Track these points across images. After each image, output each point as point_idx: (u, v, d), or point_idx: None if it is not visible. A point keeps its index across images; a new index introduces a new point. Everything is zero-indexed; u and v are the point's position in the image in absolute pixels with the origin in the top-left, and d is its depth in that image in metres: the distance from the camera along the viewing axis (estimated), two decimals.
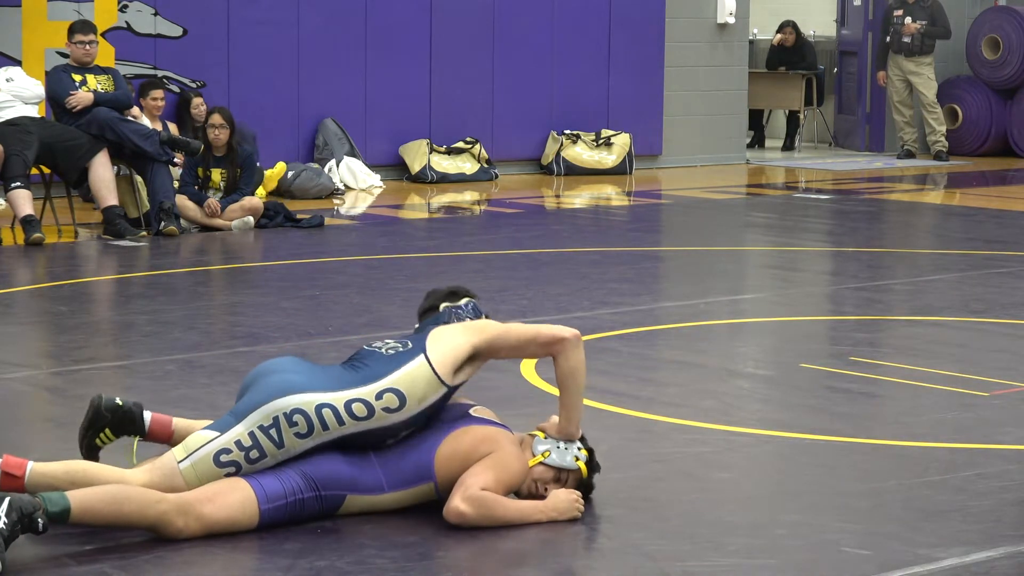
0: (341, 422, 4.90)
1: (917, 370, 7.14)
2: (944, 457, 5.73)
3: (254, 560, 4.65)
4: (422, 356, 4.99)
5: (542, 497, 4.98)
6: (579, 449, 5.06)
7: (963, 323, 8.43)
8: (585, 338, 5.22)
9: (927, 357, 7.48)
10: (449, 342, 5.04)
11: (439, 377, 4.97)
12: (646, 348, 7.77)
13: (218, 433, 4.90)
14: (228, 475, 4.87)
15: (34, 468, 4.85)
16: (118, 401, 5.27)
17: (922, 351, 7.71)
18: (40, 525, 4.56)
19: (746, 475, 5.64)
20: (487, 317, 5.31)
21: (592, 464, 5.10)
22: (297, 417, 4.88)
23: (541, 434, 5.10)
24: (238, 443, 4.87)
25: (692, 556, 4.66)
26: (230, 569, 4.60)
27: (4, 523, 4.48)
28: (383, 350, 5.07)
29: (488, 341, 5.05)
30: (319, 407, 4.89)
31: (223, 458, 4.86)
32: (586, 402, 6.29)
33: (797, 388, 6.97)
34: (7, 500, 4.54)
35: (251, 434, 4.87)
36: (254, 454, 4.87)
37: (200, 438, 4.90)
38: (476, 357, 5.07)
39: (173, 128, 13.33)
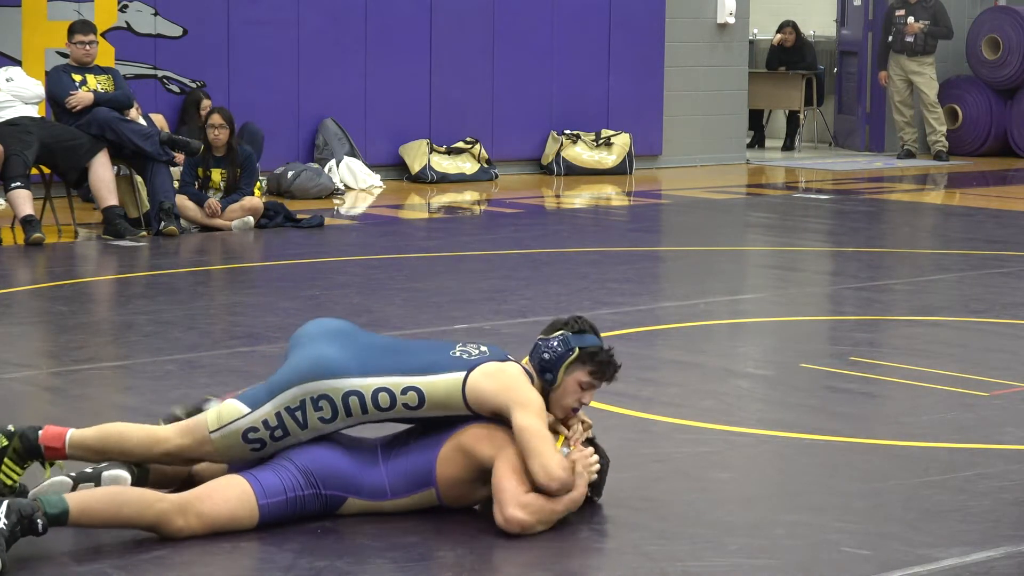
0: (365, 410, 4.96)
1: (917, 370, 7.14)
2: (944, 457, 5.74)
3: (254, 560, 4.65)
4: (464, 375, 4.94)
5: None
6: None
7: (963, 323, 8.43)
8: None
9: (927, 357, 7.48)
10: (491, 386, 4.91)
11: (466, 402, 4.94)
12: (646, 348, 7.77)
13: (249, 409, 4.96)
14: (253, 451, 4.95)
15: (72, 435, 5.01)
16: (11, 427, 5.09)
17: (922, 351, 7.71)
18: (40, 526, 4.56)
19: (746, 475, 5.64)
20: (592, 351, 5.02)
21: (595, 486, 5.06)
22: (323, 403, 4.94)
23: (560, 440, 5.05)
24: (265, 422, 4.95)
25: (692, 556, 4.66)
26: (230, 569, 4.60)
27: (4, 524, 4.48)
28: (458, 350, 5.02)
29: (515, 423, 4.85)
30: (346, 395, 4.94)
31: (250, 435, 4.96)
32: None
33: (797, 388, 6.97)
34: (5, 503, 4.55)
35: (278, 415, 4.95)
36: (278, 433, 4.96)
37: (234, 411, 4.97)
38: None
39: (159, 120, 13.28)
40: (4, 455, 5.01)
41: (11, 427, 5.06)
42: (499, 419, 4.94)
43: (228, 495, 4.81)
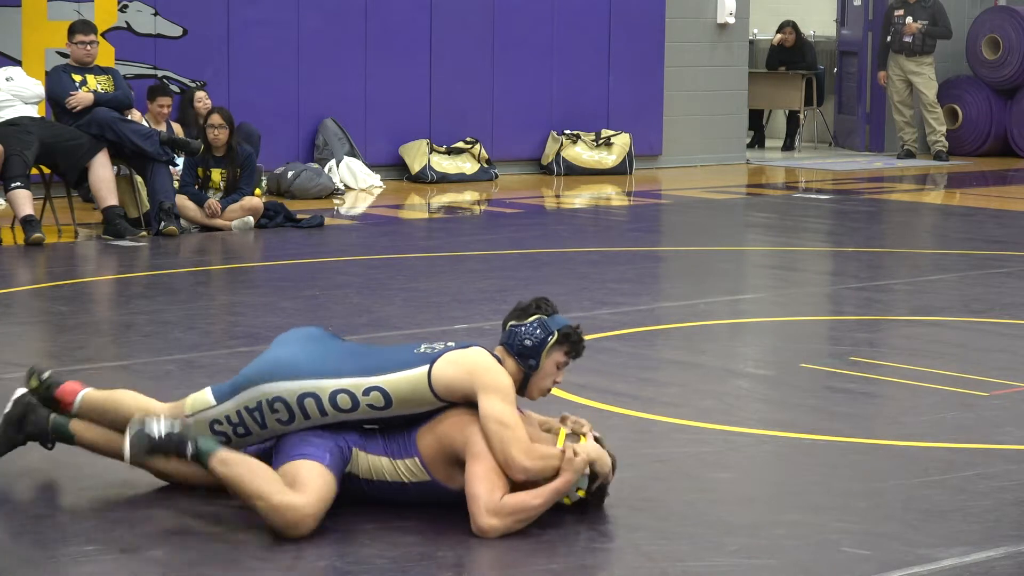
0: (323, 412, 4.96)
1: (917, 370, 7.14)
2: (944, 457, 5.74)
3: (255, 560, 4.65)
4: (427, 368, 4.95)
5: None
6: (585, 475, 4.96)
7: (963, 323, 8.43)
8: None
9: (927, 357, 7.48)
10: (454, 372, 4.94)
11: (434, 392, 4.95)
12: (646, 348, 7.77)
13: (216, 402, 5.07)
14: (221, 443, 4.98)
15: (86, 395, 5.29)
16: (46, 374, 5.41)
17: (922, 351, 7.71)
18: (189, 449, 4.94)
19: (746, 475, 5.64)
20: (566, 332, 5.07)
21: (598, 489, 5.01)
22: (278, 405, 4.97)
23: (562, 437, 5.03)
24: (227, 418, 5.05)
25: (692, 556, 4.66)
26: (231, 569, 4.60)
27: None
28: (423, 347, 5.04)
29: (481, 407, 4.87)
30: (301, 396, 4.94)
31: (216, 427, 5.08)
32: (586, 402, 6.32)
33: (797, 388, 6.97)
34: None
35: (238, 412, 5.03)
36: (240, 430, 5.05)
37: (205, 401, 5.10)
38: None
39: (177, 129, 13.34)
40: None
41: (47, 373, 5.36)
42: (473, 405, 4.94)
43: (319, 484, 4.83)
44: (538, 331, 5.06)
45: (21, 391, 5.43)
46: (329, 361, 4.99)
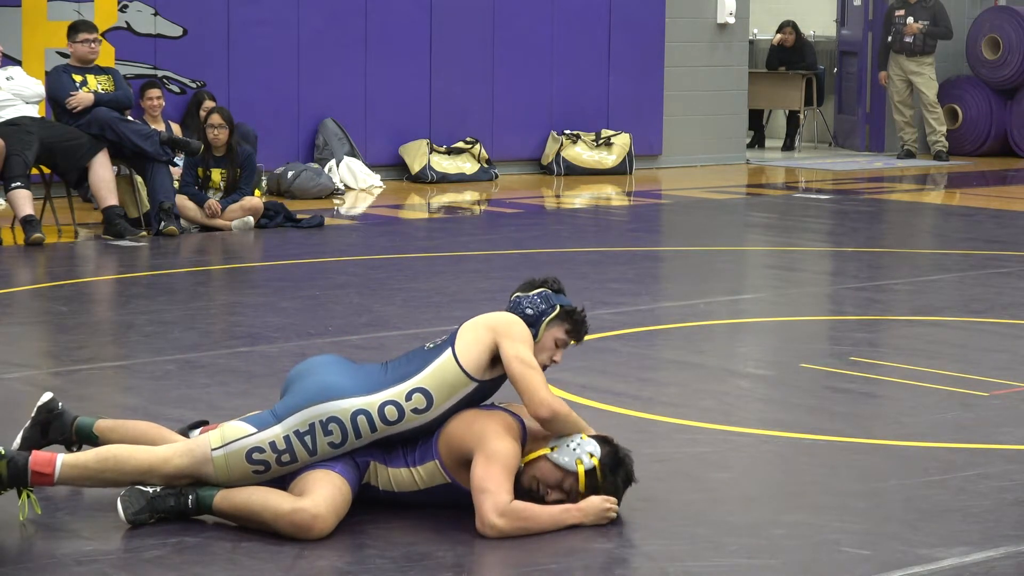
0: (374, 428, 4.94)
1: (917, 370, 7.14)
2: (944, 457, 5.74)
3: (254, 560, 4.65)
4: (449, 350, 4.99)
5: (540, 498, 4.95)
6: (590, 456, 4.95)
7: (963, 323, 8.43)
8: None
9: (927, 357, 7.48)
10: (474, 334, 5.01)
11: (465, 371, 4.97)
12: (646, 348, 7.77)
13: (255, 429, 4.93)
14: (256, 472, 4.91)
15: (65, 460, 4.90)
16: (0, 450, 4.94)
17: (922, 351, 7.71)
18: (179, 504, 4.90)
19: (746, 475, 5.64)
20: (569, 310, 5.12)
21: (602, 473, 4.95)
22: (332, 426, 4.91)
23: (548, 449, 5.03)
24: (272, 444, 4.91)
25: (692, 556, 4.66)
26: (230, 569, 4.60)
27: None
28: (428, 345, 5.09)
29: (504, 352, 4.96)
30: (354, 414, 4.92)
31: (255, 456, 4.91)
32: (586, 402, 6.32)
33: (797, 388, 6.97)
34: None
35: (287, 438, 4.91)
36: (286, 458, 4.92)
37: (238, 430, 4.94)
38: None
39: (176, 128, 13.34)
40: None
41: (0, 449, 4.86)
42: (493, 385, 5.00)
43: (337, 497, 4.84)
44: (540, 303, 5.13)
45: (48, 396, 5.40)
46: (367, 379, 5.00)
